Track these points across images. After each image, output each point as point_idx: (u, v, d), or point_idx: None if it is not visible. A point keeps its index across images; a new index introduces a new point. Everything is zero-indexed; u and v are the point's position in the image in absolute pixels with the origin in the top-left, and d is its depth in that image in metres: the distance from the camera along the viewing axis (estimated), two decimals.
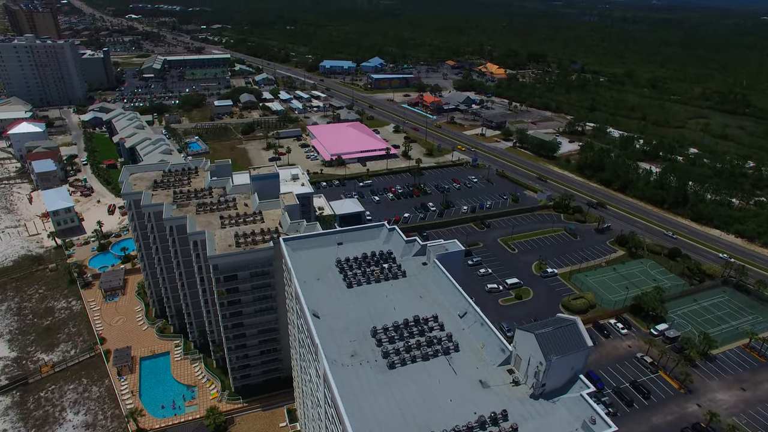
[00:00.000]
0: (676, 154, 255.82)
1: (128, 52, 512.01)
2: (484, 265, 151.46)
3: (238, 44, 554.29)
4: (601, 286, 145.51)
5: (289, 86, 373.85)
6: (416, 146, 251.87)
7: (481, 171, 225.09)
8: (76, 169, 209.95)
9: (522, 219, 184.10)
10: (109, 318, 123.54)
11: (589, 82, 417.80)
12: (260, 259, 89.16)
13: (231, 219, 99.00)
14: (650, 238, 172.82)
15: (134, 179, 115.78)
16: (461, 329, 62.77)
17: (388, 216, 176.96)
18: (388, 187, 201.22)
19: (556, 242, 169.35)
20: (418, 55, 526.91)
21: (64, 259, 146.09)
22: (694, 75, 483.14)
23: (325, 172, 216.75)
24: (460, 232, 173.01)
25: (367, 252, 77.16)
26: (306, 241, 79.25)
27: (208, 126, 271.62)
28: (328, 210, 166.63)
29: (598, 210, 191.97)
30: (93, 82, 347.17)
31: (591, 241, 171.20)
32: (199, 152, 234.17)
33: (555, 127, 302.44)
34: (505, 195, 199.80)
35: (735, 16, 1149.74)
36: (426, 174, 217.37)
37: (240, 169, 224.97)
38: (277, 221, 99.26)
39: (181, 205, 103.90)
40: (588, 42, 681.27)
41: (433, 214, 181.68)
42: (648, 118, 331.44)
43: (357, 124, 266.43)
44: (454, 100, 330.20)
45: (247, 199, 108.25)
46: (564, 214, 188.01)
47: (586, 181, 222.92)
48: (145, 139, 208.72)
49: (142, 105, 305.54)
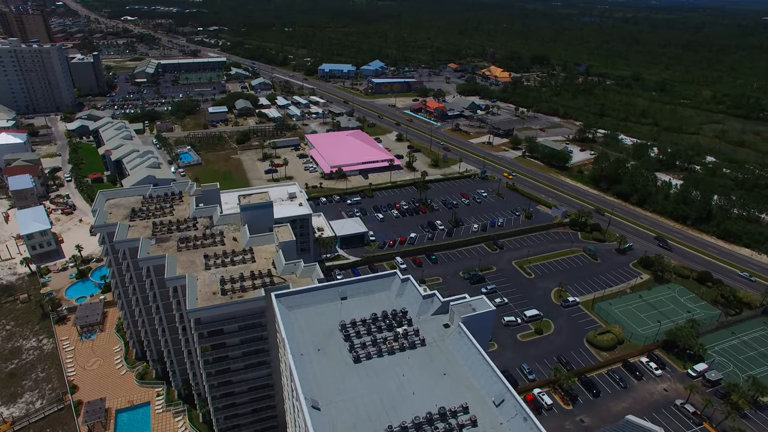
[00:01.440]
0: (694, 163, 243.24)
1: (122, 56, 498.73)
2: (500, 294, 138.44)
3: (235, 47, 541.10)
4: (628, 316, 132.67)
5: (286, 91, 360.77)
6: (420, 156, 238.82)
7: (490, 183, 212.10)
8: (58, 184, 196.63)
9: (537, 238, 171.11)
10: (84, 360, 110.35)
11: (597, 85, 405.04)
12: (250, 310, 76.08)
13: (217, 258, 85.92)
14: (676, 259, 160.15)
15: (110, 207, 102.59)
16: (498, 424, 49.74)
17: (392, 236, 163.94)
18: (393, 203, 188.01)
19: (575, 265, 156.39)
20: (419, 57, 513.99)
21: (38, 288, 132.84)
22: (701, 77, 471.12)
23: (325, 185, 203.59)
24: (471, 253, 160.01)
25: (377, 311, 64.25)
26: (303, 297, 66.20)
27: (201, 135, 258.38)
28: (328, 231, 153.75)
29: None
30: (83, 88, 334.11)
31: (612, 263, 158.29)
32: (190, 164, 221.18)
33: (564, 134, 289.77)
34: (518, 211, 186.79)
35: (736, 17, 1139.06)
36: (432, 187, 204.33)
37: (234, 182, 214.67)
38: (270, 260, 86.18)
39: (161, 240, 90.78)
40: (591, 43, 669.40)
41: (441, 234, 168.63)
42: (660, 123, 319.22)
43: (358, 132, 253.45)
44: (458, 106, 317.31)
45: (236, 231, 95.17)
46: (581, 232, 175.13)
47: (602, 194, 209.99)
48: (133, 151, 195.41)
49: (133, 112, 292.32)
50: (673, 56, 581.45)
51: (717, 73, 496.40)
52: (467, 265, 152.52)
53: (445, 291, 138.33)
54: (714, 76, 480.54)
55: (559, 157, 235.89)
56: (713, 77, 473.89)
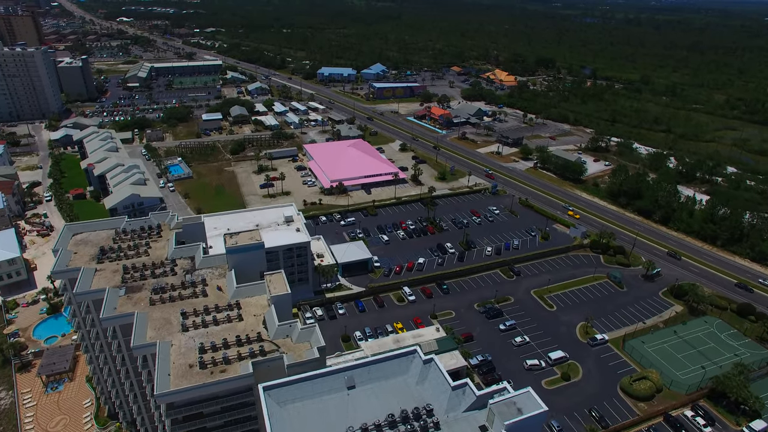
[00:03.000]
0: (716, 174, 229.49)
1: (115, 58, 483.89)
2: (520, 331, 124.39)
3: (232, 49, 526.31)
4: (664, 357, 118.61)
5: (284, 96, 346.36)
6: (426, 168, 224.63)
7: (501, 199, 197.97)
8: (36, 201, 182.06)
9: (556, 263, 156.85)
10: (47, 419, 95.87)
11: (606, 90, 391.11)
12: (235, 389, 61.85)
13: (197, 314, 71.76)
14: (708, 286, 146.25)
15: (76, 245, 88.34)
16: None
17: (399, 262, 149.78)
18: (398, 222, 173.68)
19: (600, 294, 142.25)
20: (421, 60, 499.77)
21: (3, 326, 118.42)
22: (711, 80, 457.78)
23: (325, 201, 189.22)
24: (485, 281, 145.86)
25: (394, 407, 50.15)
26: (299, 388, 51.95)
27: (194, 144, 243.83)
28: (329, 257, 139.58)
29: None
30: (71, 93, 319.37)
31: (640, 291, 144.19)
32: (181, 177, 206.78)
33: (575, 143, 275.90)
34: (533, 231, 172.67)
35: (738, 18, 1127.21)
36: (440, 204, 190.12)
37: (227, 198, 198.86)
38: (260, 317, 72.02)
39: (132, 290, 76.62)
40: (595, 45, 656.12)
41: (452, 258, 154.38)
42: (674, 130, 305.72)
43: (359, 142, 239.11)
44: (464, 112, 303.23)
45: (221, 277, 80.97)
46: (604, 255, 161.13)
47: (621, 211, 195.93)
48: (117, 166, 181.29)
49: (122, 119, 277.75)
50: (680, 59, 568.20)
51: (726, 76, 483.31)
52: (482, 296, 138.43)
53: (459, 327, 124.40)
54: (724, 79, 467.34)
55: (574, 169, 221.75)
56: (723, 80, 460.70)
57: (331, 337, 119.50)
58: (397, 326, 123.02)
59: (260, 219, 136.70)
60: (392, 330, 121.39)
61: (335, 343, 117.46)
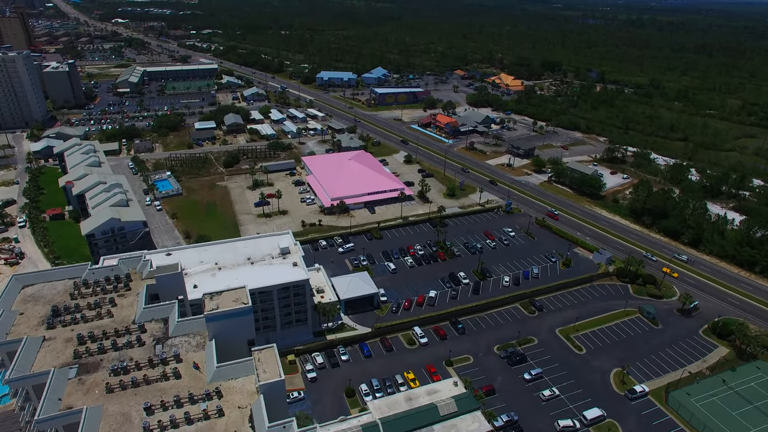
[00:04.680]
0: (742, 188, 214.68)
1: (107, 61, 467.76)
2: (548, 382, 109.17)
3: (228, 52, 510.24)
4: (716, 414, 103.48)
5: (282, 102, 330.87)
6: (434, 182, 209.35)
7: (516, 218, 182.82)
8: (8, 222, 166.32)
9: (580, 294, 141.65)
10: None
11: (617, 95, 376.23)
12: None
13: (166, 407, 56.45)
14: (753, 322, 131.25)
15: (24, 302, 72.99)
16: None
17: (408, 295, 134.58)
18: (406, 247, 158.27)
19: (633, 333, 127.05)
20: (424, 63, 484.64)
21: None
22: (722, 84, 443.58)
23: (325, 222, 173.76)
24: (504, 318, 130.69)
25: None
26: None
27: (185, 156, 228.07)
28: (330, 293, 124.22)
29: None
30: (57, 100, 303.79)
31: (677, 329, 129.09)
32: (169, 194, 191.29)
33: (589, 153, 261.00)
34: (553, 256, 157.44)
35: (741, 19, 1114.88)
36: (450, 224, 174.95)
37: (218, 218, 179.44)
38: (246, 410, 56.74)
39: (87, 368, 61.36)
40: (601, 47, 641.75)
41: (466, 290, 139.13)
42: (691, 138, 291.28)
43: (361, 153, 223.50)
44: (471, 120, 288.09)
45: (199, 349, 65.64)
46: (632, 285, 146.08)
47: (645, 231, 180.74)
48: (98, 183, 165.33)
49: (110, 128, 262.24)
50: (688, 61, 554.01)
51: (737, 79, 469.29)
52: (501, 336, 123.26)
53: (478, 376, 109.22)
54: (735, 83, 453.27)
55: (591, 184, 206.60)
56: (735, 84, 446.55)
57: (334, 390, 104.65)
58: (408, 377, 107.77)
59: (252, 250, 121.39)
60: (403, 382, 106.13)
61: (338, 399, 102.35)
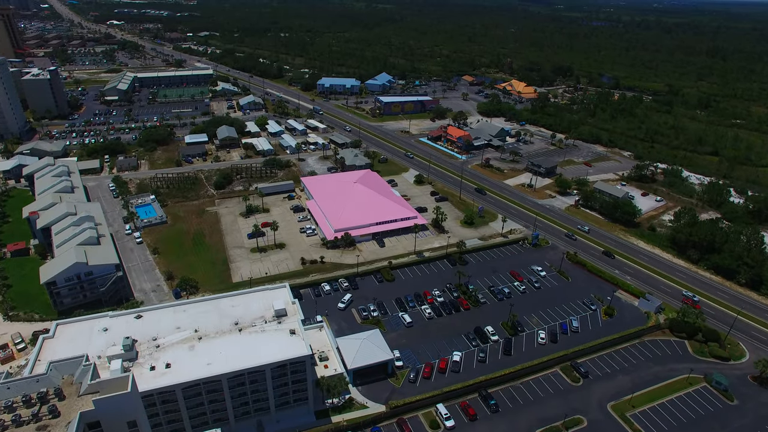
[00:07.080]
0: None
1: (98, 66, 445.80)
2: None
3: (225, 56, 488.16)
4: None
5: (280, 111, 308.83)
6: (448, 207, 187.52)
7: (545, 252, 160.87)
8: None
9: (630, 354, 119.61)
10: None
11: (636, 103, 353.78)
12: None
13: None
14: None
15: None
16: None
17: (427, 357, 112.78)
18: (422, 293, 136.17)
19: (702, 411, 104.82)
20: (430, 68, 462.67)
21: None
22: (744, 91, 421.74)
23: (328, 258, 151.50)
24: (544, 388, 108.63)
25: None
26: None
27: (172, 176, 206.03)
28: (334, 361, 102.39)
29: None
30: (38, 110, 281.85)
31: (758, 406, 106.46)
32: (151, 222, 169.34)
33: (614, 170, 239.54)
34: (593, 302, 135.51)
35: (747, 21, 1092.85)
36: (470, 260, 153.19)
37: (205, 251, 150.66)
38: None
39: None
40: (611, 51, 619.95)
41: (495, 350, 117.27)
42: (722, 152, 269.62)
43: (368, 173, 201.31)
44: (484, 133, 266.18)
45: None
46: (689, 341, 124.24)
47: (692, 268, 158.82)
48: (67, 215, 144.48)
49: (93, 142, 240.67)
50: (703, 65, 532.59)
51: (758, 84, 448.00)
52: (543, 415, 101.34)
53: None
54: (756, 88, 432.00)
55: (625, 210, 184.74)
56: (756, 90, 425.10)
57: None
58: None
59: (241, 311, 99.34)
60: None
61: None
